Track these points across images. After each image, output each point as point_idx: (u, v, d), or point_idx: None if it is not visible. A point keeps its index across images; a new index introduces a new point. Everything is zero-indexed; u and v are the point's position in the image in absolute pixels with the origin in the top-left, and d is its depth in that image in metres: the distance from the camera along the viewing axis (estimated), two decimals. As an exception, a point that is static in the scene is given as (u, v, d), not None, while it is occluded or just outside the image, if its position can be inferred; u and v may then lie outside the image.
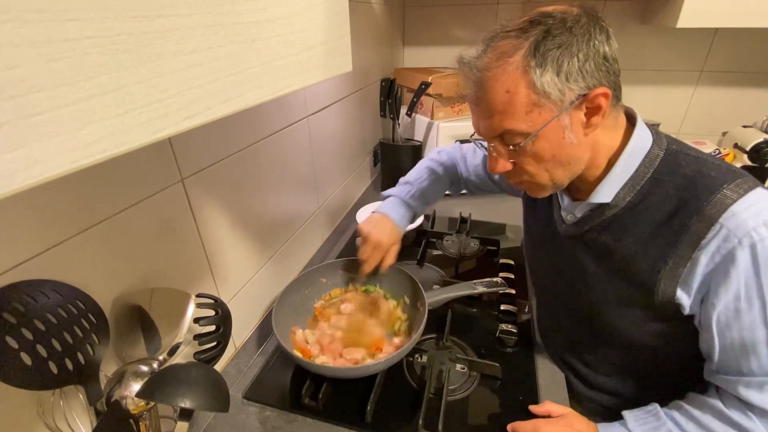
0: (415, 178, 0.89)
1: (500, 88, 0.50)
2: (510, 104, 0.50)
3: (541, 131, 0.50)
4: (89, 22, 0.19)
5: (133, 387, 0.46)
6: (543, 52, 0.47)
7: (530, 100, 0.49)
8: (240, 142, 0.71)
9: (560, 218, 0.66)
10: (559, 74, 0.47)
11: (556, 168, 0.54)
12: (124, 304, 0.51)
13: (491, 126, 0.53)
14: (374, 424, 0.64)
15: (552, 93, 0.48)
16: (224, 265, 0.71)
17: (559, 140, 0.51)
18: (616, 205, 0.56)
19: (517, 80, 0.48)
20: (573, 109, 0.49)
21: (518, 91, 0.49)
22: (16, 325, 0.37)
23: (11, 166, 0.17)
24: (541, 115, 0.49)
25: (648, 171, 0.54)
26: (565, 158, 0.53)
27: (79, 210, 0.45)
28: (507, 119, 0.51)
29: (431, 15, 1.59)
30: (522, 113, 0.50)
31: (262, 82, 0.34)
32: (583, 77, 0.48)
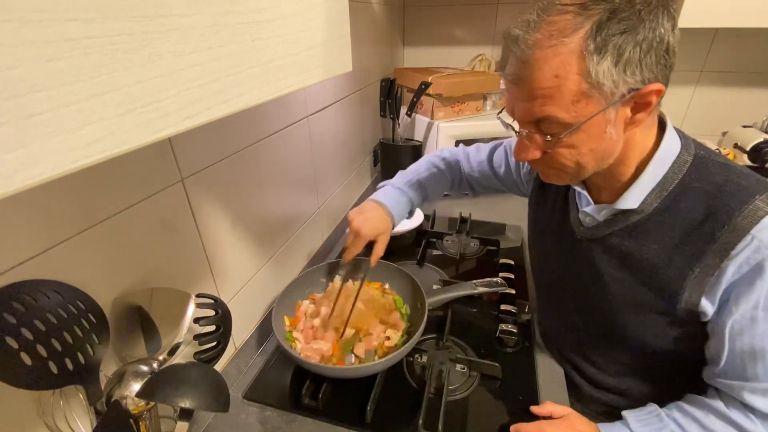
0: (413, 169, 0.86)
1: (549, 71, 0.45)
2: (557, 90, 0.45)
3: (583, 124, 0.46)
4: (89, 22, 0.19)
5: (133, 387, 0.46)
6: (605, 36, 0.42)
7: (580, 89, 0.44)
8: (240, 142, 0.71)
9: (577, 220, 0.63)
10: (617, 64, 0.43)
11: (587, 161, 0.51)
12: (124, 304, 0.51)
13: (530, 110, 0.48)
14: (374, 424, 0.64)
15: (605, 84, 0.43)
16: (224, 265, 0.71)
17: (600, 134, 0.48)
18: (642, 211, 0.54)
19: (570, 65, 0.43)
20: (621, 103, 0.46)
21: (569, 77, 0.44)
22: (17, 325, 0.37)
23: (11, 166, 0.17)
24: (588, 107, 0.45)
25: (676, 176, 0.52)
26: (600, 153, 0.50)
27: (79, 210, 0.45)
28: (550, 106, 0.46)
29: (431, 15, 1.59)
30: (568, 102, 0.45)
31: (262, 82, 0.34)
32: (641, 70, 0.43)
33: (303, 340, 0.74)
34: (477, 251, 1.10)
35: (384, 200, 0.80)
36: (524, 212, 1.27)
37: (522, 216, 1.25)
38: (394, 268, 0.85)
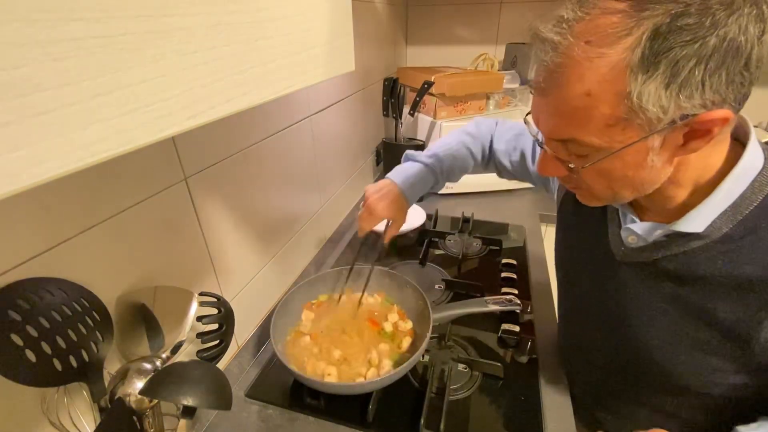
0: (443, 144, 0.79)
1: (579, 87, 0.36)
2: (586, 112, 0.37)
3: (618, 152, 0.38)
4: (94, 21, 0.19)
5: (137, 384, 0.46)
6: (659, 48, 0.32)
7: (616, 113, 0.36)
8: (243, 141, 0.71)
9: (618, 238, 0.54)
10: (670, 86, 0.33)
11: (623, 188, 0.43)
12: (127, 302, 0.52)
13: (554, 126, 0.41)
14: (376, 424, 0.64)
15: (649, 111, 0.35)
16: (227, 263, 0.71)
17: (639, 162, 0.40)
18: (706, 236, 0.44)
19: (608, 83, 0.35)
20: (670, 131, 0.37)
21: (603, 97, 0.35)
22: (21, 323, 0.37)
23: (16, 165, 0.17)
24: (625, 133, 0.37)
25: (755, 198, 0.42)
26: (639, 181, 0.42)
27: (83, 208, 0.45)
28: (576, 127, 0.39)
29: (434, 14, 1.59)
30: (600, 126, 0.37)
31: (266, 82, 0.34)
32: (703, 92, 0.34)
33: None
34: (479, 251, 1.10)
35: (399, 180, 0.75)
36: (526, 212, 1.28)
37: (524, 216, 1.25)
38: (402, 279, 0.82)
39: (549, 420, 0.65)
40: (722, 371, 0.48)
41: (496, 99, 1.41)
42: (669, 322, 0.50)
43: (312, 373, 0.68)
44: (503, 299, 0.80)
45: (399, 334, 0.77)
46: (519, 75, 1.43)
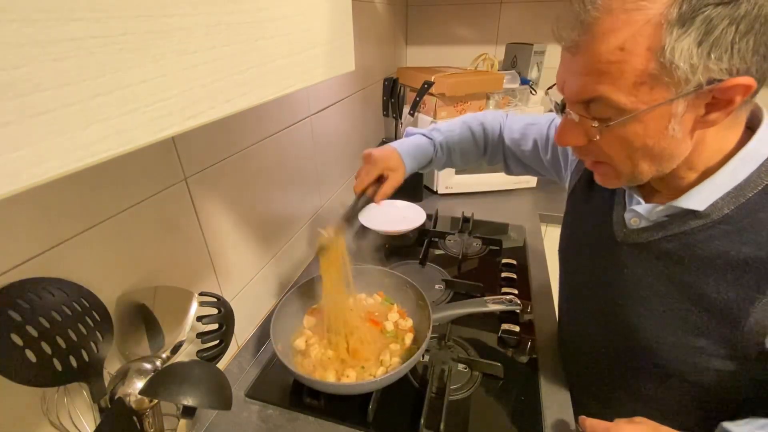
0: (446, 125, 0.79)
1: (614, 41, 0.37)
2: (618, 67, 0.37)
3: (642, 113, 0.38)
4: (94, 21, 0.19)
5: (137, 384, 0.46)
6: (695, 5, 0.33)
7: (647, 68, 0.36)
8: (243, 141, 0.71)
9: (621, 221, 0.54)
10: (702, 44, 0.34)
11: (642, 160, 0.43)
12: (127, 302, 0.52)
13: (582, 86, 0.41)
14: (376, 424, 0.64)
15: (680, 68, 0.35)
16: (227, 263, 0.71)
17: (660, 130, 0.40)
18: (707, 215, 0.45)
19: (642, 37, 0.35)
20: (695, 96, 0.37)
21: (637, 51, 0.36)
22: (21, 323, 0.37)
23: (16, 165, 0.17)
24: (652, 93, 0.37)
25: (760, 182, 0.43)
26: (658, 152, 0.42)
27: (83, 208, 0.45)
28: (606, 84, 0.39)
29: (434, 14, 1.59)
30: (629, 83, 0.37)
31: (265, 82, 0.34)
32: (731, 56, 0.35)
33: None
34: (479, 251, 1.10)
35: (398, 145, 0.76)
36: (526, 212, 1.28)
37: (524, 216, 1.25)
38: (402, 279, 0.82)
39: (549, 420, 0.65)
40: (709, 354, 0.48)
41: (496, 99, 1.41)
42: (661, 302, 0.50)
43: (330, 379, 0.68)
44: (503, 299, 0.80)
45: (400, 332, 0.77)
46: (519, 75, 1.43)
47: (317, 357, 0.71)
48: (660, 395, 0.57)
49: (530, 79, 1.43)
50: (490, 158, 0.85)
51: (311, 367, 0.70)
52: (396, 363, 0.70)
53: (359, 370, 0.69)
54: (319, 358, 0.71)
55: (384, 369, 0.69)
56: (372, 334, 0.76)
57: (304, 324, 0.79)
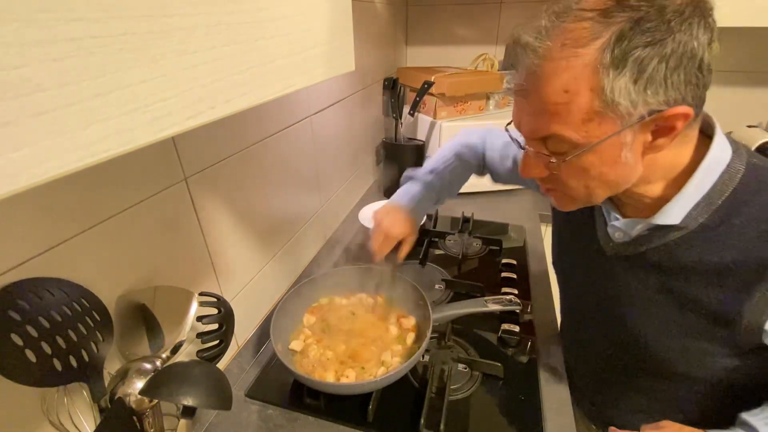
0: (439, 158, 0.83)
1: (558, 85, 0.40)
2: (566, 107, 0.41)
3: (595, 146, 0.41)
4: (94, 21, 0.19)
5: (137, 384, 0.46)
6: (625, 48, 0.37)
7: (592, 107, 0.40)
8: (243, 141, 0.71)
9: (606, 235, 0.57)
10: (637, 81, 0.38)
11: (598, 186, 0.46)
12: (127, 302, 0.52)
13: (536, 126, 0.44)
14: (376, 423, 0.64)
15: (621, 104, 0.39)
16: (227, 263, 0.71)
17: (614, 158, 0.43)
18: (684, 227, 0.48)
19: (582, 80, 0.39)
20: (640, 126, 0.41)
21: (580, 93, 0.39)
22: (21, 323, 0.37)
23: (17, 165, 0.17)
24: (600, 127, 0.41)
25: (726, 189, 0.46)
26: (613, 178, 0.45)
27: (83, 208, 0.45)
28: (557, 123, 0.42)
29: (434, 14, 1.59)
30: (578, 120, 0.41)
31: (265, 82, 0.35)
32: (666, 89, 0.38)
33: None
34: (479, 251, 1.10)
35: (404, 202, 0.79)
36: (526, 212, 1.28)
37: (524, 216, 1.25)
38: (402, 279, 0.83)
39: (549, 420, 0.65)
40: (712, 355, 0.50)
41: (496, 99, 1.41)
42: (658, 311, 0.53)
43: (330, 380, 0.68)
44: (503, 299, 0.80)
45: (404, 331, 0.77)
46: (519, 75, 1.43)
47: (315, 357, 0.71)
48: (671, 392, 0.58)
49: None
50: (480, 174, 0.90)
51: (311, 367, 0.70)
52: (397, 363, 0.70)
53: (359, 370, 0.69)
54: (317, 358, 0.71)
55: (384, 369, 0.69)
56: (374, 336, 0.76)
57: (303, 322, 0.80)
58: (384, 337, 0.76)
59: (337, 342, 0.74)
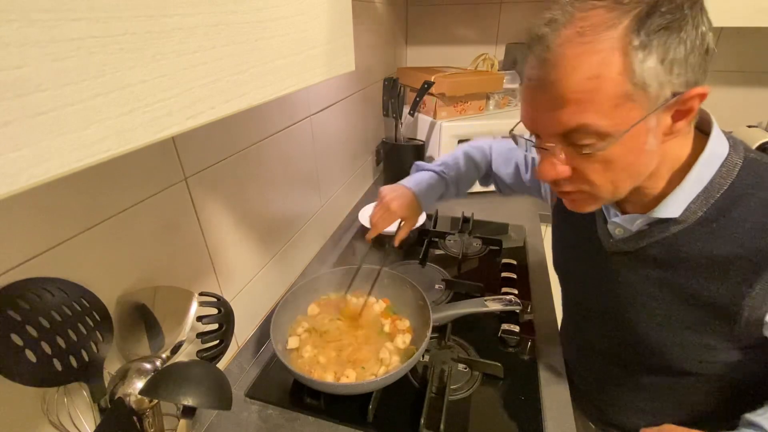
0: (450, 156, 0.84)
1: (584, 71, 0.39)
2: (593, 94, 0.39)
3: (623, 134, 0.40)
4: (94, 21, 0.19)
5: (137, 384, 0.46)
6: (648, 31, 0.37)
7: (623, 90, 0.38)
8: (243, 141, 0.71)
9: (606, 232, 0.57)
10: (664, 62, 0.38)
11: (624, 179, 0.45)
12: (127, 302, 0.52)
13: (558, 120, 0.42)
14: (376, 424, 0.64)
15: (651, 86, 0.38)
16: (227, 263, 0.71)
17: (640, 146, 0.42)
18: (684, 221, 0.48)
19: (611, 64, 0.38)
20: (663, 110, 0.40)
21: (609, 77, 0.38)
22: (21, 323, 0.37)
23: (17, 165, 0.17)
24: (630, 113, 0.40)
25: (725, 182, 0.46)
26: (637, 168, 0.44)
27: (83, 208, 0.45)
28: (585, 112, 0.40)
29: (434, 14, 1.59)
30: (607, 107, 0.39)
31: (265, 82, 0.35)
32: (686, 70, 0.39)
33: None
34: (479, 251, 1.10)
35: (412, 185, 0.79)
36: (526, 212, 1.28)
37: (524, 216, 1.25)
38: (402, 279, 0.82)
39: (549, 420, 0.65)
40: (714, 349, 0.50)
41: (496, 99, 1.41)
42: (659, 306, 0.52)
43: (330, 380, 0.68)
44: (503, 299, 0.80)
45: (398, 332, 0.77)
46: (519, 75, 1.43)
47: (311, 357, 0.72)
48: (672, 390, 0.58)
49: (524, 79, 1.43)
50: (485, 182, 0.91)
51: (311, 367, 0.70)
52: (396, 362, 0.70)
53: (359, 370, 0.69)
54: (313, 357, 0.72)
55: (385, 368, 0.69)
56: (367, 336, 0.76)
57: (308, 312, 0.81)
58: (379, 337, 0.76)
59: (330, 348, 0.74)
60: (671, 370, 0.56)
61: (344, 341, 0.74)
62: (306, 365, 0.70)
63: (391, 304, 0.84)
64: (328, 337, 0.75)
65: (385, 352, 0.71)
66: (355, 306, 0.81)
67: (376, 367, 0.69)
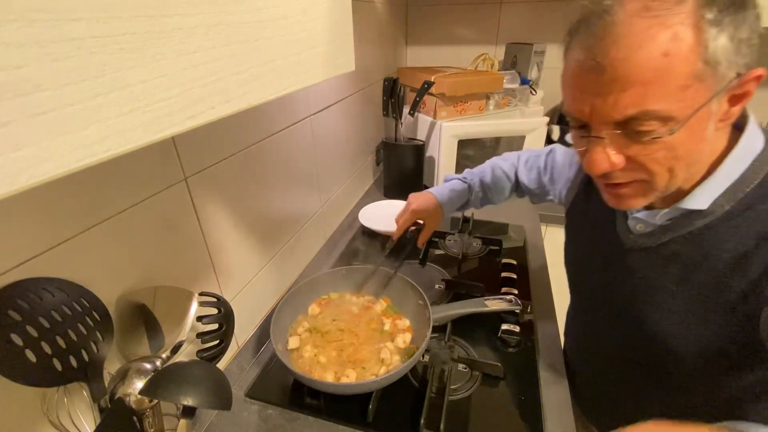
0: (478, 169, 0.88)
1: (654, 49, 0.35)
2: (663, 74, 0.35)
3: (688, 118, 0.37)
4: (94, 21, 0.19)
5: (137, 384, 0.46)
6: (720, 5, 0.34)
7: (693, 70, 0.35)
8: (243, 141, 0.71)
9: (625, 227, 0.55)
10: (732, 40, 0.35)
11: (682, 168, 0.42)
12: (127, 302, 0.52)
13: (618, 104, 0.38)
14: (376, 424, 0.64)
15: (721, 64, 0.35)
16: (227, 263, 0.71)
17: (701, 132, 0.39)
18: (710, 213, 0.46)
19: (683, 39, 0.35)
20: (724, 92, 0.38)
21: (680, 55, 0.35)
22: (21, 323, 0.37)
23: (17, 165, 0.17)
24: (697, 95, 0.36)
25: (756, 177, 0.44)
26: (696, 156, 0.42)
27: (83, 208, 0.45)
28: (653, 95, 0.36)
29: (434, 14, 1.59)
30: (676, 88, 0.36)
31: (265, 82, 0.34)
32: (749, 50, 0.37)
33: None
34: (479, 251, 1.10)
35: (435, 191, 0.85)
36: (526, 212, 1.28)
37: (524, 216, 1.25)
38: (402, 279, 0.82)
39: (549, 420, 0.65)
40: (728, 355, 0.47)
41: (496, 99, 1.41)
42: (676, 304, 0.50)
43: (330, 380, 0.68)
44: (503, 299, 0.80)
45: (399, 331, 0.77)
46: (519, 75, 1.43)
47: (311, 357, 0.72)
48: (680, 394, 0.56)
49: (530, 79, 1.43)
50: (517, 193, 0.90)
51: (311, 366, 0.70)
52: (396, 361, 0.70)
53: (360, 370, 0.69)
54: (314, 357, 0.71)
55: (385, 368, 0.69)
56: (368, 336, 0.76)
57: (309, 312, 0.80)
58: (379, 336, 0.76)
59: (330, 348, 0.74)
60: (681, 373, 0.53)
61: (345, 341, 0.74)
62: (306, 365, 0.70)
63: (392, 303, 0.84)
64: (329, 337, 0.75)
65: (386, 352, 0.71)
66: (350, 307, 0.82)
67: (376, 367, 0.69)
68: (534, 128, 1.31)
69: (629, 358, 0.60)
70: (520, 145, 1.34)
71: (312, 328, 0.77)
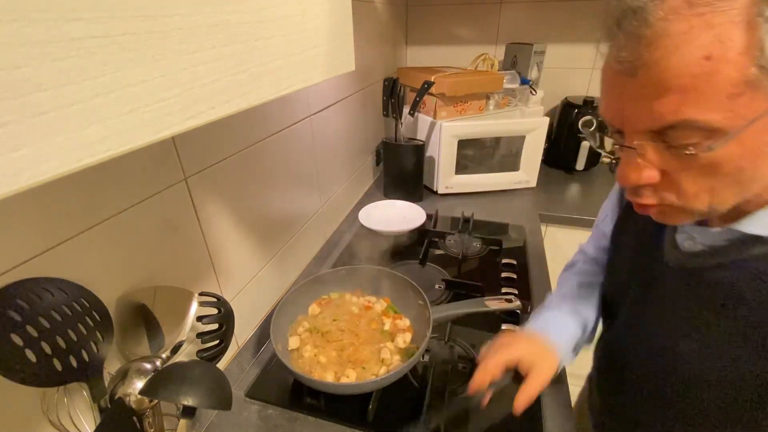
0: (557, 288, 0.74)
1: (695, 51, 0.30)
2: (706, 80, 0.31)
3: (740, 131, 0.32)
4: (94, 21, 0.19)
5: (137, 384, 0.46)
6: None
7: (744, 76, 0.30)
8: (243, 141, 0.71)
9: (672, 243, 0.48)
10: None
11: (727, 189, 0.36)
12: (127, 302, 0.52)
13: (654, 112, 0.34)
14: (376, 423, 0.64)
15: None
16: (227, 263, 0.71)
17: (758, 147, 0.33)
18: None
19: (731, 41, 0.30)
20: None
21: (728, 58, 0.30)
22: (21, 323, 0.37)
23: (17, 165, 0.17)
24: (752, 104, 0.31)
25: None
26: (750, 175, 0.35)
27: (82, 208, 0.45)
28: (693, 103, 0.32)
29: (434, 14, 1.59)
30: (722, 96, 0.31)
31: (265, 82, 0.34)
32: None
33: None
34: (479, 251, 1.10)
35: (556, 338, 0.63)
36: (526, 212, 1.28)
37: (524, 216, 1.25)
38: (402, 279, 0.82)
39: (549, 420, 0.65)
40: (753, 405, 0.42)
41: (496, 99, 1.41)
42: (709, 336, 0.45)
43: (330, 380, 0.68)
44: (503, 299, 0.80)
45: (399, 331, 0.77)
46: (519, 75, 1.43)
47: (311, 357, 0.72)
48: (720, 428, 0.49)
49: (530, 79, 1.43)
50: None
51: (311, 366, 0.70)
52: (396, 361, 0.70)
53: (360, 370, 0.69)
54: (314, 357, 0.71)
55: (386, 368, 0.69)
56: (368, 336, 0.76)
57: (309, 312, 0.80)
58: (380, 336, 0.76)
59: (330, 348, 0.74)
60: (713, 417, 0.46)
61: (345, 341, 0.74)
62: (306, 365, 0.70)
63: (392, 303, 0.84)
64: (329, 337, 0.75)
65: (386, 352, 0.71)
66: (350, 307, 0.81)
67: (376, 367, 0.69)
68: (534, 128, 1.31)
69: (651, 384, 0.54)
70: (520, 145, 1.34)
71: (312, 328, 0.77)
